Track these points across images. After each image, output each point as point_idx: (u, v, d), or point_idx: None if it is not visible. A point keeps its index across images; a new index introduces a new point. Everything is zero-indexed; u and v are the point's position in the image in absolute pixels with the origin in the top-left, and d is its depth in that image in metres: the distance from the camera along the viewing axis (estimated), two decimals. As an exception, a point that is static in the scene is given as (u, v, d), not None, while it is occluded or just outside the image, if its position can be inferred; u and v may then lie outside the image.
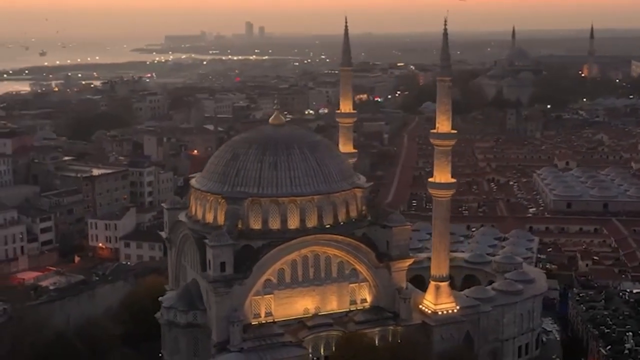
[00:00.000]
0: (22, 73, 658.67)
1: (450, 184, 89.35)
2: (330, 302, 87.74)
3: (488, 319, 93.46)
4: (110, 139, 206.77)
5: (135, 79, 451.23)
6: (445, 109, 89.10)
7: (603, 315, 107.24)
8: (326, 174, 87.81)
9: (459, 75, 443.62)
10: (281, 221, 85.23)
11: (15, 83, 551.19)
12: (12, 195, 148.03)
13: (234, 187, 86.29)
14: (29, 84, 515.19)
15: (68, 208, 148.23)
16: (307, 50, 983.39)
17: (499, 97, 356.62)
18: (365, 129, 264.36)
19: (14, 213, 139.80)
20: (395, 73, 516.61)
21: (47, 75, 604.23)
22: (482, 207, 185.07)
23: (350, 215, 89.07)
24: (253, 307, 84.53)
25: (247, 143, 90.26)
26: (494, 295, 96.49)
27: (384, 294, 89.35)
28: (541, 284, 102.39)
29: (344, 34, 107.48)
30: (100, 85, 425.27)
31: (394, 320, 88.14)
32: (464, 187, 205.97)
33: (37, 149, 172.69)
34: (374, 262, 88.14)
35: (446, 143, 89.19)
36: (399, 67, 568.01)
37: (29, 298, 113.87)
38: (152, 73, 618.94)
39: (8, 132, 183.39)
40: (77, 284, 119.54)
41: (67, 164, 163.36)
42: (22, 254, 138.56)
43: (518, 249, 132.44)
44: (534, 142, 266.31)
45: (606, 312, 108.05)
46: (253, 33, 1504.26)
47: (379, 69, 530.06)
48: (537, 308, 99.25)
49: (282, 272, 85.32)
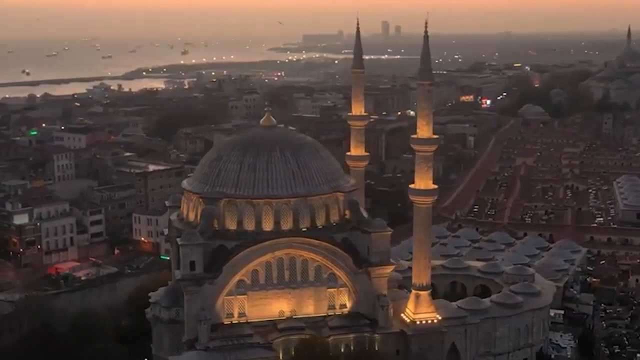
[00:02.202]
0: (160, 71, 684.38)
1: (430, 191, 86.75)
2: (306, 306, 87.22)
3: (478, 331, 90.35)
4: (184, 137, 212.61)
5: (243, 77, 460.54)
6: (425, 114, 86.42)
7: (621, 334, 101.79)
8: (306, 176, 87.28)
9: (567, 76, 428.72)
10: (256, 222, 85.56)
11: (153, 80, 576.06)
12: (69, 189, 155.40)
13: (214, 188, 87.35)
14: (164, 81, 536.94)
15: (120, 202, 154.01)
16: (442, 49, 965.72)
17: (605, 100, 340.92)
18: (448, 131, 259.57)
19: (66, 205, 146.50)
20: (509, 74, 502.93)
21: (181, 74, 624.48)
22: (550, 215, 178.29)
23: (331, 219, 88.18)
24: (226, 307, 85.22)
25: (231, 144, 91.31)
26: (488, 307, 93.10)
27: (364, 300, 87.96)
28: (546, 298, 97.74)
29: (356, 35, 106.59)
30: (209, 84, 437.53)
31: (370, 328, 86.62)
32: (537, 193, 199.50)
33: (106, 145, 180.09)
34: (352, 268, 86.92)
35: (426, 149, 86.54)
36: (514, 68, 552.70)
37: (58, 287, 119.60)
38: (281, 72, 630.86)
39: (83, 128, 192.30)
40: (107, 276, 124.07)
41: (127, 159, 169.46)
42: (71, 245, 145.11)
43: (556, 260, 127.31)
44: (628, 149, 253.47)
45: (626, 330, 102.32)
46: (389, 33, 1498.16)
47: (492, 70, 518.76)
48: (538, 323, 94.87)
49: (256, 273, 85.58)
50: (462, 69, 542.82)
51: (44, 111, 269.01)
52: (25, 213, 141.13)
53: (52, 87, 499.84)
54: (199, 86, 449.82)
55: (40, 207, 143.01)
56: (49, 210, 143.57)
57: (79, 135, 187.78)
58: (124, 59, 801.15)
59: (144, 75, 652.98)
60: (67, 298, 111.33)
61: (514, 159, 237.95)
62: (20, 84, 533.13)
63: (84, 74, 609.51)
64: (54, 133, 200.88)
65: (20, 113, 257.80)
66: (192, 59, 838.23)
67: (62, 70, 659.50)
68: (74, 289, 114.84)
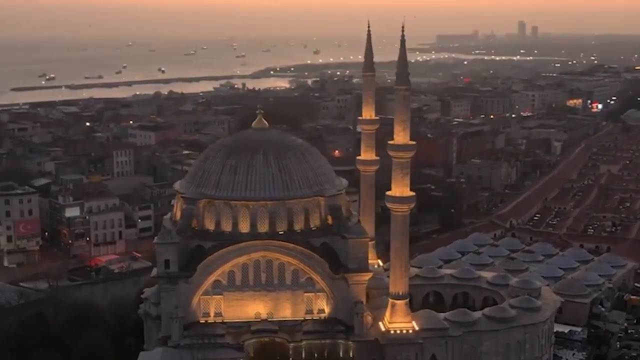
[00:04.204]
0: (287, 70, 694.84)
1: (407, 198, 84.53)
2: (283, 309, 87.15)
3: (462, 344, 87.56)
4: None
5: (345, 78, 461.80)
6: (402, 119, 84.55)
7: (632, 356, 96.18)
8: (286, 180, 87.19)
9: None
10: (233, 224, 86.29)
11: (279, 79, 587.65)
12: (125, 184, 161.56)
13: (197, 188, 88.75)
14: (288, 80, 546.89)
15: (169, 199, 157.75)
16: (578, 51, 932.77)
17: None
18: (533, 136, 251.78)
19: (116, 200, 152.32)
20: (627, 77, 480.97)
21: (305, 73, 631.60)
22: (617, 227, 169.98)
23: (311, 224, 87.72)
24: (202, 306, 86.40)
25: (219, 146, 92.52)
26: (475, 319, 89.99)
27: (342, 306, 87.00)
28: (544, 314, 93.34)
29: (367, 37, 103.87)
30: (311, 83, 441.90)
31: (345, 334, 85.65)
32: (612, 203, 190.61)
33: (170, 143, 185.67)
34: (329, 273, 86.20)
35: (402, 155, 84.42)
36: (635, 71, 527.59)
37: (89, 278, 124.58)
38: None
39: (153, 126, 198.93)
40: (135, 270, 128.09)
41: (185, 157, 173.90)
42: (119, 239, 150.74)
43: (591, 274, 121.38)
44: None
45: (636, 353, 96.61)
46: (525, 32, 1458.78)
47: (609, 72, 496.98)
48: (532, 339, 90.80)
49: (232, 274, 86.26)
50: (574, 72, 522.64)
51: (137, 108, 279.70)
52: (76, 206, 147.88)
53: (183, 84, 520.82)
54: (301, 86, 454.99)
55: (91, 201, 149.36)
56: (99, 204, 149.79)
57: (149, 132, 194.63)
58: (257, 58, 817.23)
59: (271, 74, 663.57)
60: (90, 289, 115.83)
61: (599, 167, 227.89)
62: (154, 81, 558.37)
63: (216, 72, 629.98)
64: (128, 130, 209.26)
65: (113, 110, 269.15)
66: (322, 58, 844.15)
67: (195, 68, 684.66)
68: (98, 281, 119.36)
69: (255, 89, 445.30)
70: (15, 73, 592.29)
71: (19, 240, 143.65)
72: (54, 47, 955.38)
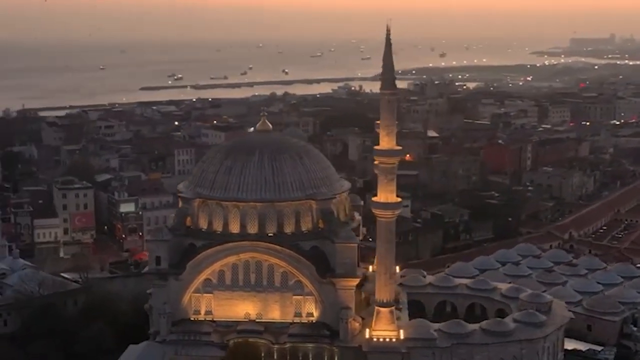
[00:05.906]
0: (409, 73, 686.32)
1: (393, 204, 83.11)
2: (272, 311, 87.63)
3: (451, 356, 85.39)
4: (326, 138, 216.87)
5: (447, 82, 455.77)
6: (387, 124, 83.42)
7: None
8: (279, 182, 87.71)
9: None
10: (224, 224, 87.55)
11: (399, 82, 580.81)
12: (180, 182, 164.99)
13: (195, 188, 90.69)
14: (407, 83, 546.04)
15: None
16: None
17: None
18: (621, 144, 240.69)
19: (170, 197, 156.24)
20: None
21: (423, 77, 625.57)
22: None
23: (302, 226, 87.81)
24: (193, 303, 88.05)
25: (220, 147, 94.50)
26: (469, 332, 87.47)
27: (330, 311, 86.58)
28: (547, 329, 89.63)
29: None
30: (410, 86, 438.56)
31: (330, 339, 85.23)
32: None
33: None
34: (316, 277, 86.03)
35: (387, 160, 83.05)
36: None
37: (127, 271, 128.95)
38: (530, 77, 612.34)
39: (224, 126, 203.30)
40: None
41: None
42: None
43: (629, 291, 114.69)
44: None
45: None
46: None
47: None
48: (529, 355, 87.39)
49: (222, 273, 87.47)
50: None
51: (224, 109, 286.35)
52: (131, 202, 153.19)
53: (303, 86, 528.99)
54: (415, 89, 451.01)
55: (146, 197, 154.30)
56: (153, 201, 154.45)
57: (220, 132, 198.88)
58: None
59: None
60: (122, 283, 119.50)
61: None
62: (275, 82, 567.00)
63: (338, 74, 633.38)
64: (202, 130, 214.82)
65: (200, 110, 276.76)
66: (446, 61, 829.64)
67: (319, 70, 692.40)
68: (130, 274, 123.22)
69: (362, 91, 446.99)
70: (148, 73, 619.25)
71: (75, 232, 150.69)
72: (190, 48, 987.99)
